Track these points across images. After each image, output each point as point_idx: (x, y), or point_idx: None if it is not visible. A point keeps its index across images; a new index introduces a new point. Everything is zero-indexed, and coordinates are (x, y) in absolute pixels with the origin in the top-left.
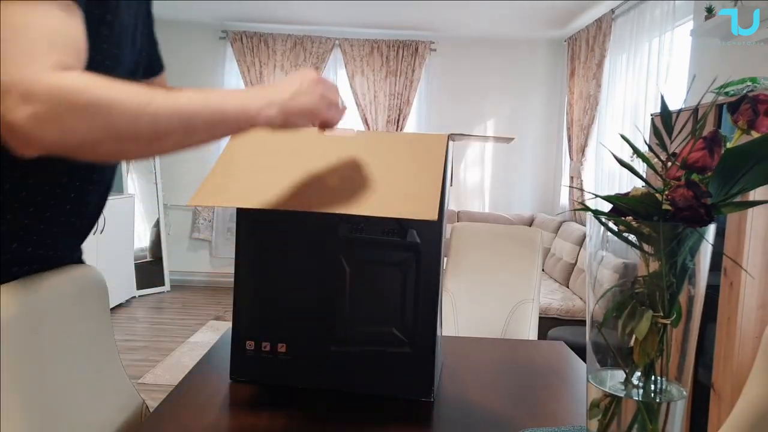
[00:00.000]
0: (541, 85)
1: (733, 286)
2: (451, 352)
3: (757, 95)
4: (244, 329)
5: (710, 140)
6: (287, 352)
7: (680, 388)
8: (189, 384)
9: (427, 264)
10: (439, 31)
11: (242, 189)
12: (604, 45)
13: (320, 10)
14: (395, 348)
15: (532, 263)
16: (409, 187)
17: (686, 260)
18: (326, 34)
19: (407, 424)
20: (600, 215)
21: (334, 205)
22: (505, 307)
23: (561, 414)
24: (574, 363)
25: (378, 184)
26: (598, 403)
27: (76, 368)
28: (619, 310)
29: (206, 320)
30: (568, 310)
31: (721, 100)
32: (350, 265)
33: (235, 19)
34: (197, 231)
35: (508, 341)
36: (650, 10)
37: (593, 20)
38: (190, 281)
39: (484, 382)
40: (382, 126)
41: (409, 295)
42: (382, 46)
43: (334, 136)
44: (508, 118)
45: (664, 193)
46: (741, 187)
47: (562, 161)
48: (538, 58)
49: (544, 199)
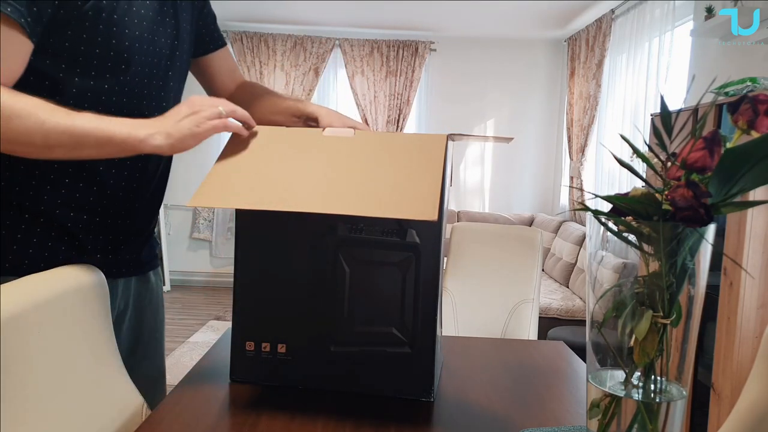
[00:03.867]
0: (541, 85)
1: (733, 286)
2: (451, 352)
3: (757, 95)
4: (244, 330)
5: (710, 140)
6: (287, 353)
7: (680, 388)
8: (189, 384)
9: (427, 264)
10: (439, 31)
11: (242, 190)
12: (604, 45)
13: (320, 10)
14: (395, 348)
15: (532, 263)
16: (409, 187)
17: (686, 260)
18: (326, 34)
19: (407, 424)
20: (600, 215)
21: (334, 205)
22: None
23: (561, 414)
24: (574, 363)
25: (377, 184)
26: (598, 403)
27: (76, 368)
28: (619, 310)
29: (206, 320)
30: (568, 310)
31: (721, 100)
32: (350, 265)
33: (235, 19)
34: (197, 231)
35: (508, 341)
36: (650, 10)
37: (593, 20)
38: (190, 281)
39: (484, 382)
40: (382, 126)
41: (409, 295)
42: (382, 46)
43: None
44: (508, 118)
45: (664, 193)
46: (741, 187)
47: (562, 161)
48: (538, 58)
49: (544, 199)
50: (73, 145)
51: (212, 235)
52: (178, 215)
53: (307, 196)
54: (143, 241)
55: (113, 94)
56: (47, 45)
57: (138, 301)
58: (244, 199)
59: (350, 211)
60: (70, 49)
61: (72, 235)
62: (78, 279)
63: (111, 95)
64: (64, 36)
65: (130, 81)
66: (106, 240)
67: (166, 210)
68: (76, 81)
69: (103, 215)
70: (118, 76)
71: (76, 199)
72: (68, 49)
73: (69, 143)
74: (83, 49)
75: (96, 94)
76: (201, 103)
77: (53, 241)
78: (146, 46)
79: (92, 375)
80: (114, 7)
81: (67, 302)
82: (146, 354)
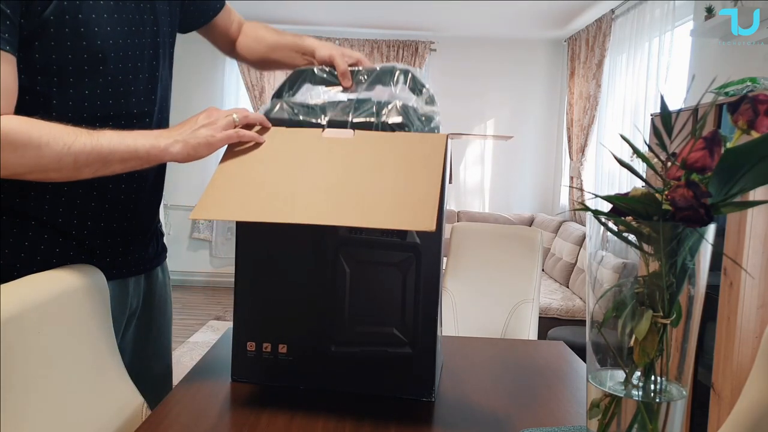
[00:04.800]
0: (541, 85)
1: (733, 286)
2: (451, 352)
3: (757, 95)
4: (245, 330)
5: (710, 140)
6: (288, 353)
7: (680, 388)
8: (189, 384)
9: (427, 264)
10: (439, 31)
11: (243, 201)
12: (604, 45)
13: (320, 10)
14: (396, 348)
15: (532, 263)
16: (408, 194)
17: (686, 260)
18: (326, 34)
19: (408, 425)
20: (600, 215)
21: (334, 217)
22: (505, 307)
23: (561, 414)
24: (574, 363)
25: (377, 191)
26: (598, 403)
27: (76, 368)
28: (619, 310)
29: (206, 320)
30: (568, 310)
31: (721, 100)
32: (350, 265)
33: None
34: (197, 231)
35: (508, 341)
36: (650, 10)
37: (593, 20)
38: (190, 281)
39: (484, 382)
40: None
41: (410, 295)
42: (382, 46)
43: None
44: (508, 118)
45: (664, 193)
46: (741, 187)
47: (562, 161)
48: (538, 58)
49: (544, 199)
50: (101, 163)
51: (212, 235)
52: (178, 215)
53: (307, 207)
54: (149, 238)
55: (96, 98)
56: (19, 61)
57: (147, 300)
58: (246, 211)
59: (350, 222)
60: (42, 60)
61: (79, 240)
62: (78, 279)
63: (94, 99)
64: (33, 49)
65: (112, 81)
66: (114, 242)
67: (166, 210)
68: (54, 92)
69: (107, 220)
70: (97, 78)
71: (78, 206)
72: (39, 60)
73: (96, 162)
74: (55, 58)
75: (78, 101)
76: (217, 114)
77: (61, 247)
78: (122, 40)
79: (92, 375)
80: (77, 7)
81: (67, 302)
82: (155, 352)
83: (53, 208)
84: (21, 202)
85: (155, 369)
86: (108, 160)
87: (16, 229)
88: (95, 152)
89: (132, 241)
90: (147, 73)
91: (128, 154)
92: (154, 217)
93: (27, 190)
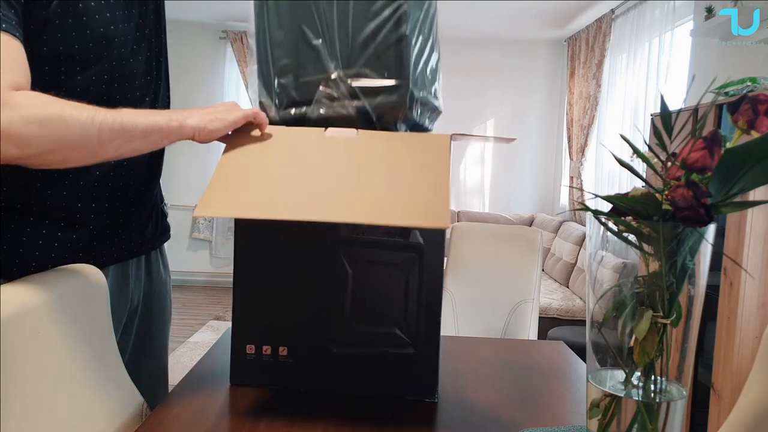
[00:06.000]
0: (541, 85)
1: (733, 286)
2: (451, 352)
3: (757, 95)
4: (245, 333)
5: (710, 140)
6: (288, 356)
7: (680, 388)
8: (189, 385)
9: (430, 264)
10: (439, 31)
11: (246, 197)
12: (604, 45)
13: None
14: (398, 349)
15: (532, 263)
16: (417, 192)
17: (686, 260)
18: None
19: (408, 425)
20: (600, 215)
21: (340, 213)
22: (505, 307)
23: (561, 414)
24: (574, 363)
25: (384, 189)
26: (598, 403)
27: (76, 368)
28: (619, 310)
29: (206, 320)
30: (568, 310)
31: (721, 100)
32: (352, 265)
33: (235, 19)
34: (197, 231)
35: (508, 341)
36: (650, 10)
37: (593, 20)
38: (190, 281)
39: (484, 382)
40: None
41: (412, 295)
42: None
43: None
44: (508, 118)
45: (664, 193)
46: (741, 187)
47: (562, 161)
48: (538, 58)
49: (544, 199)
50: (124, 138)
51: (212, 235)
52: (178, 215)
53: (316, 205)
54: (149, 216)
55: (101, 82)
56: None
57: (147, 298)
58: (250, 208)
59: (363, 219)
60: (49, 52)
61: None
62: (78, 279)
63: (99, 84)
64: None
65: (116, 66)
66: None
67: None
68: (62, 80)
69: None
70: (102, 63)
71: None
72: (47, 52)
73: (120, 137)
74: (62, 49)
75: (84, 87)
76: (232, 104)
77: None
78: (121, 24)
79: (92, 375)
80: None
81: (67, 302)
82: (152, 352)
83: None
84: (23, 194)
85: (152, 367)
86: (131, 134)
87: (14, 225)
88: (117, 124)
89: (133, 219)
90: (147, 52)
91: (149, 127)
92: (153, 194)
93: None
